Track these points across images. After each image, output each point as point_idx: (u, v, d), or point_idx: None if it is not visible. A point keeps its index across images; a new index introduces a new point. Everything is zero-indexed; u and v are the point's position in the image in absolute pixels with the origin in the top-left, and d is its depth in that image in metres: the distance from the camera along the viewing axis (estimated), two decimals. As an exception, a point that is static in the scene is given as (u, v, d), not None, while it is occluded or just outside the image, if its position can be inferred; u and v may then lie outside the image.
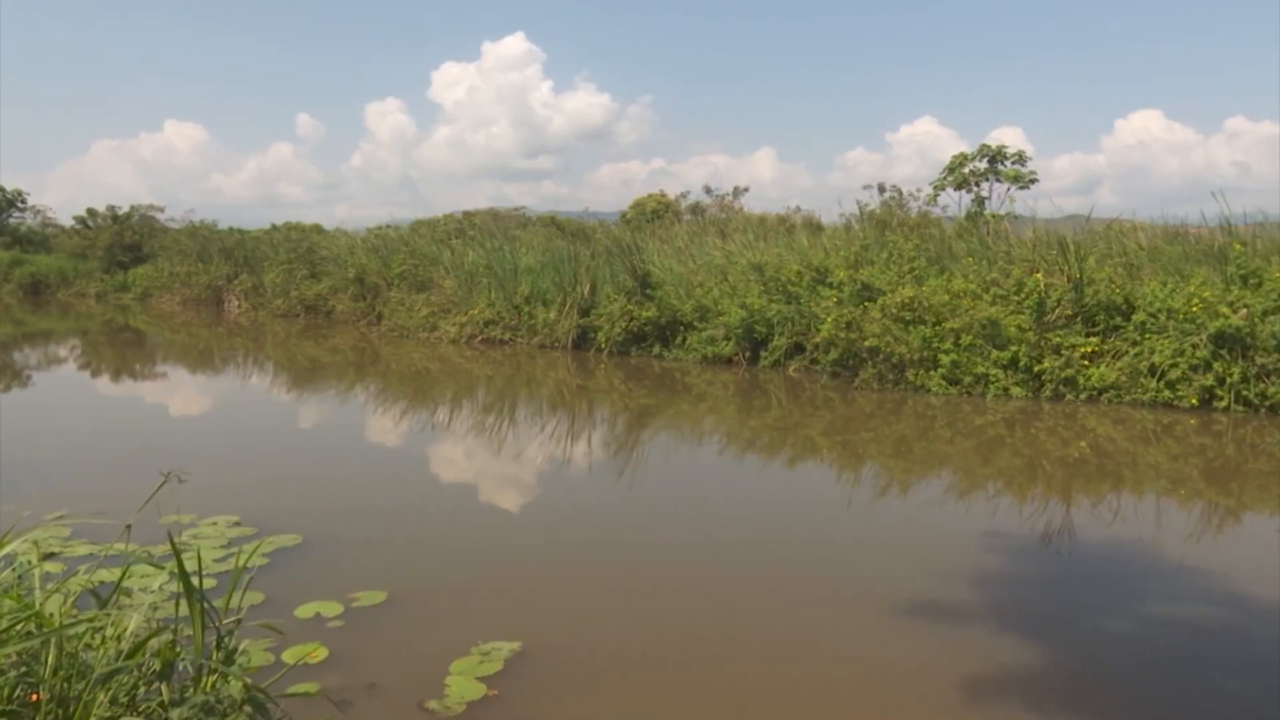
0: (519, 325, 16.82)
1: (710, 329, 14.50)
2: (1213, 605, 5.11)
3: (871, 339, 11.90)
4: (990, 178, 25.92)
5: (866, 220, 20.85)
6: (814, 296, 13.64)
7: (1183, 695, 4.02)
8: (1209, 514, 7.08)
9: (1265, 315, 10.39)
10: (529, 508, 7.34)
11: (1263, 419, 9.95)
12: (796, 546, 6.18)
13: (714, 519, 6.91)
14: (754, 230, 21.06)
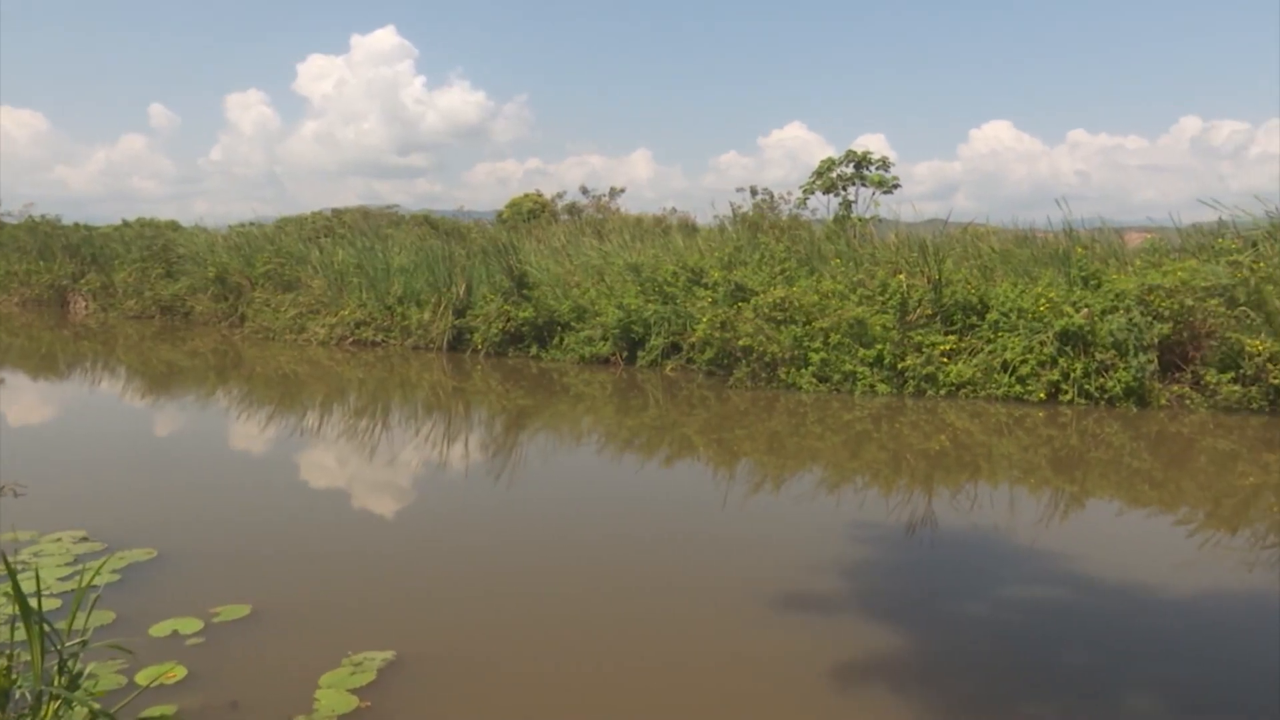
0: (392, 326, 16.41)
1: (587, 329, 14.51)
2: (1059, 585, 5.44)
3: (745, 338, 12.16)
4: (856, 182, 26.88)
5: (740, 222, 21.27)
6: (689, 297, 13.83)
7: (1032, 671, 4.26)
8: (1056, 500, 7.54)
9: (1104, 314, 11.14)
10: (404, 513, 7.17)
11: (1102, 411, 10.66)
12: (673, 543, 6.25)
13: (592, 519, 6.92)
14: (631, 231, 21.19)
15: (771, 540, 6.40)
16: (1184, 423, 10.14)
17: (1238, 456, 8.82)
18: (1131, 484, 8.01)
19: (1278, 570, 5.71)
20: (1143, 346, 10.72)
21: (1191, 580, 5.51)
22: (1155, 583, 5.50)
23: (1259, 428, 9.85)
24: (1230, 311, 11.07)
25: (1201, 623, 4.94)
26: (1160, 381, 10.90)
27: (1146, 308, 10.97)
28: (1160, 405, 10.73)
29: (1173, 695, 4.02)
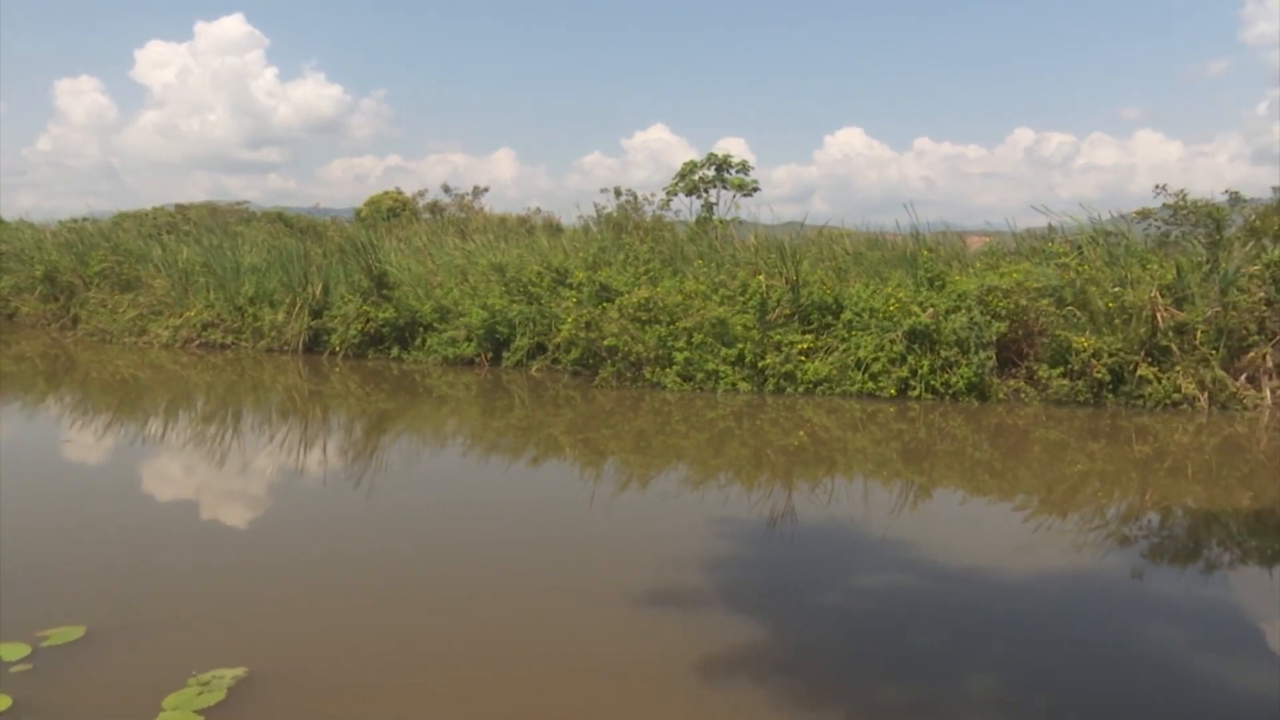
0: (243, 328, 15.67)
1: (451, 330, 14.26)
2: (910, 572, 5.71)
3: (610, 338, 12.22)
4: (718, 185, 27.43)
5: (604, 223, 21.39)
6: (554, 297, 13.80)
7: (884, 656, 4.45)
8: (906, 491, 7.92)
9: (947, 314, 11.76)
10: (257, 523, 6.85)
11: (947, 405, 11.26)
12: (540, 545, 6.22)
13: (456, 524, 6.80)
14: (495, 231, 20.97)
15: (638, 538, 6.46)
16: (1020, 415, 10.82)
17: (1067, 446, 9.48)
18: (974, 474, 8.49)
19: (1103, 550, 6.17)
20: (982, 344, 11.37)
21: (1028, 562, 5.89)
22: (996, 566, 5.85)
23: (1085, 419, 10.61)
24: (1059, 311, 11.88)
25: (1038, 602, 5.28)
26: (998, 377, 11.60)
27: (985, 307, 11.64)
28: (999, 399, 11.42)
29: (1013, 671, 4.28)
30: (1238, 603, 5.30)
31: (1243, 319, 11.46)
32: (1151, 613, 5.11)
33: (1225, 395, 11.10)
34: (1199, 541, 6.53)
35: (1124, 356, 11.22)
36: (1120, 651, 4.50)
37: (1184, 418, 10.64)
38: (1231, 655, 4.52)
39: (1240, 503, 7.47)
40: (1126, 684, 4.13)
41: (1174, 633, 4.81)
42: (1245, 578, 5.76)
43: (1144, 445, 9.49)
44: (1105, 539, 6.44)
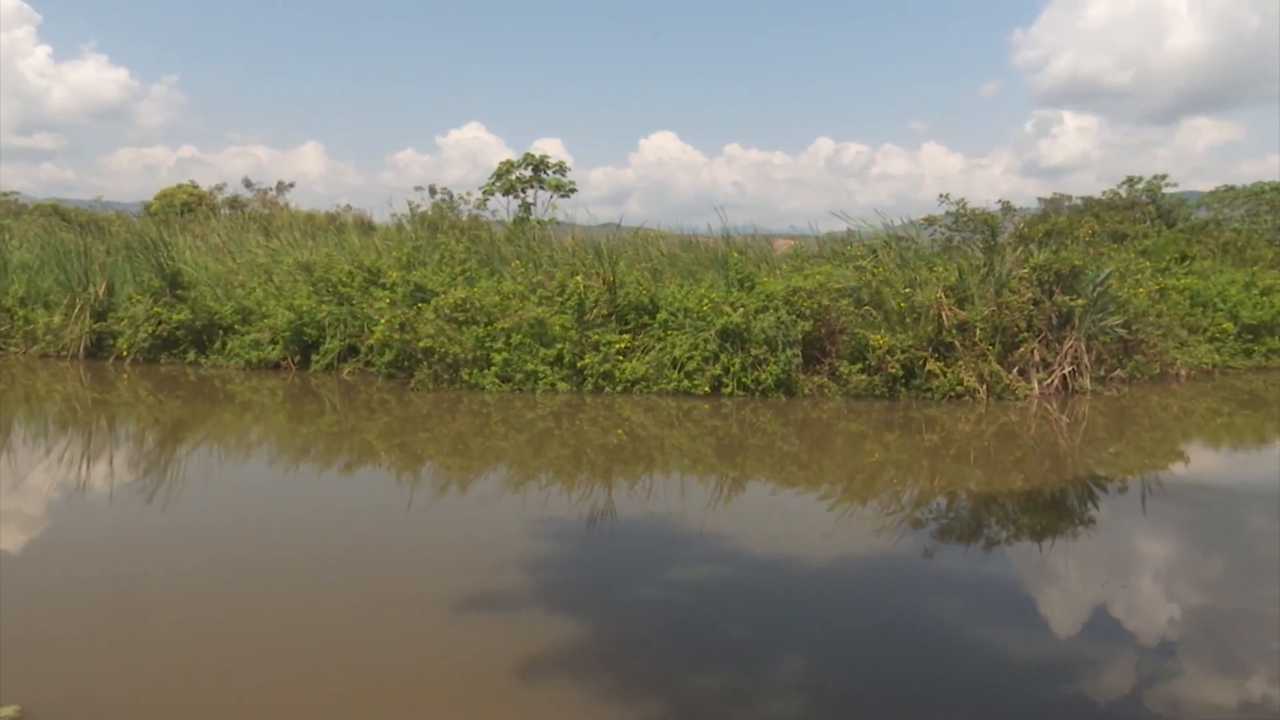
0: (12, 332, 14.24)
1: (254, 332, 13.53)
2: (724, 564, 5.92)
3: (426, 340, 11.96)
4: (535, 185, 27.37)
5: (418, 222, 20.89)
6: (366, 298, 13.36)
7: (699, 646, 4.60)
8: (720, 485, 8.20)
9: (757, 314, 12.26)
10: (33, 546, 6.24)
11: (757, 401, 11.74)
12: (354, 556, 6.01)
13: (263, 536, 6.46)
14: (301, 228, 20.05)
15: (457, 543, 6.36)
16: (824, 409, 11.44)
17: (866, 437, 10.11)
18: (783, 466, 8.90)
19: (898, 533, 6.62)
20: (789, 342, 11.94)
21: (833, 548, 6.24)
22: (804, 553, 6.16)
23: (882, 411, 11.35)
24: (857, 310, 12.65)
25: (841, 585, 5.61)
26: (804, 373, 12.21)
27: (792, 307, 12.23)
28: (805, 394, 12.02)
29: (819, 652, 4.53)
30: (1013, 575, 5.83)
31: (1014, 317, 12.60)
32: (941, 588, 5.54)
33: (1001, 387, 12.17)
34: (980, 521, 7.14)
35: (914, 353, 12.08)
36: (914, 626, 4.86)
37: (966, 408, 11.58)
38: (1009, 623, 4.97)
39: (1014, 484, 8.22)
40: (920, 656, 4.46)
41: (960, 605, 5.23)
42: (1019, 551, 6.34)
43: (933, 434, 10.25)
44: (900, 522, 6.92)
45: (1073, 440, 10.26)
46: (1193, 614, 5.14)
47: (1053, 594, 5.48)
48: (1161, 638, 4.75)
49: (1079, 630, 4.88)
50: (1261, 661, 4.42)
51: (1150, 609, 5.19)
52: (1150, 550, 6.44)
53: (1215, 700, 3.98)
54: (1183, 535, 6.86)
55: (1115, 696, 4.03)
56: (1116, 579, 5.75)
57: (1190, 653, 4.56)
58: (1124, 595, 5.44)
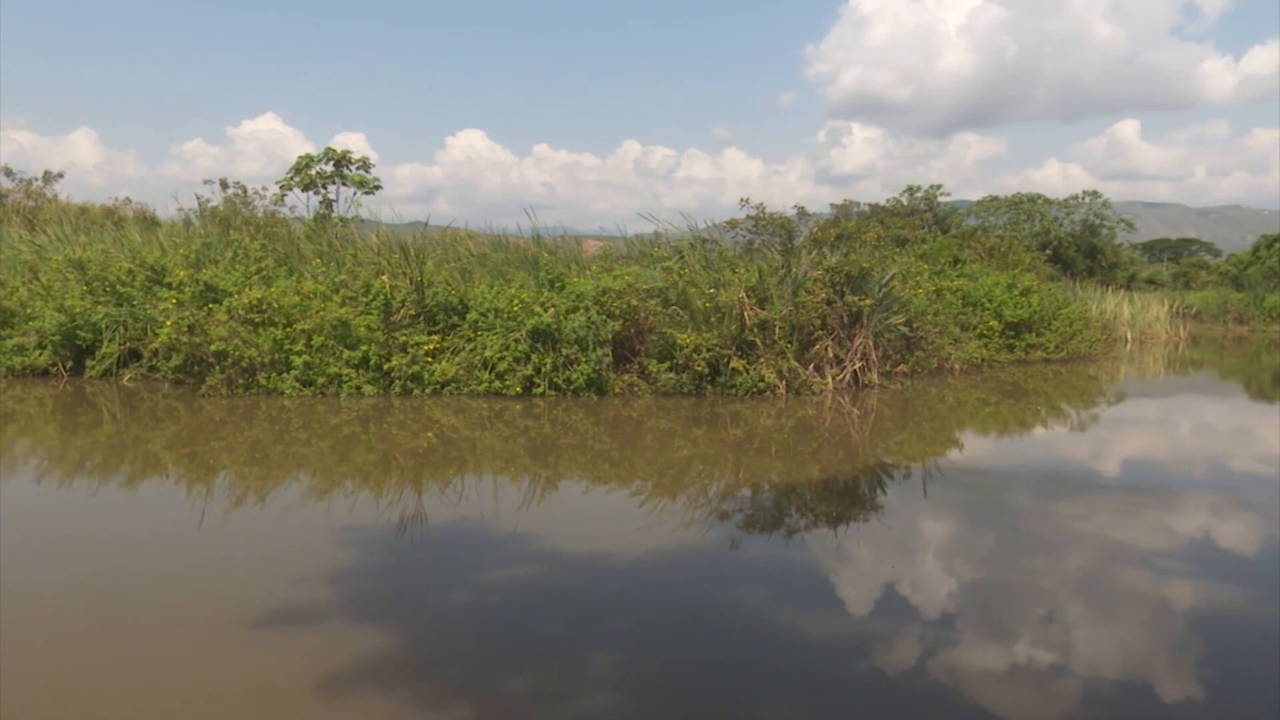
0: None
1: (18, 336, 12.27)
2: (538, 564, 5.92)
3: (218, 343, 11.25)
4: (337, 181, 26.31)
5: (208, 217, 19.61)
6: (150, 298, 12.42)
7: (511, 648, 4.58)
8: (534, 485, 8.19)
9: (567, 314, 12.34)
10: None
11: (569, 401, 11.81)
12: (142, 575, 5.56)
13: (37, 559, 5.85)
14: (73, 222, 18.40)
15: (256, 557, 6.02)
16: (634, 407, 11.66)
17: (674, 433, 10.39)
18: (595, 464, 9.00)
19: (706, 526, 6.84)
20: (599, 342, 12.09)
21: (644, 543, 6.37)
22: (616, 550, 6.26)
23: (689, 408, 11.70)
24: (665, 310, 12.98)
25: (653, 579, 5.73)
26: (614, 372, 12.41)
27: (602, 307, 12.39)
28: (615, 393, 12.20)
29: (631, 647, 4.61)
30: (812, 560, 6.17)
31: (810, 317, 13.33)
32: (747, 577, 5.78)
33: (799, 383, 12.84)
34: (782, 510, 7.50)
35: (719, 351, 12.54)
36: (722, 615, 5.04)
37: (768, 403, 12.14)
38: (809, 606, 5.25)
39: (812, 474, 8.69)
40: (728, 644, 4.64)
41: (764, 592, 5.48)
42: (818, 538, 6.71)
43: (737, 429, 10.68)
44: (708, 515, 7.16)
45: (863, 431, 10.96)
46: (968, 587, 5.62)
47: (848, 576, 5.84)
48: (942, 610, 5.16)
49: (871, 609, 5.22)
50: (1027, 627, 4.90)
51: (932, 585, 5.63)
52: (931, 531, 6.99)
53: (987, 665, 4.38)
54: (958, 515, 7.48)
55: (903, 668, 4.35)
56: (903, 559, 6.20)
57: (966, 623, 4.98)
58: (909, 573, 5.88)
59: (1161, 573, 5.89)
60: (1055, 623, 4.99)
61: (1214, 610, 5.28)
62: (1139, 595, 5.48)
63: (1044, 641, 4.67)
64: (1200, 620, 5.12)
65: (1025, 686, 4.16)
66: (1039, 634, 4.78)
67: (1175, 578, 5.81)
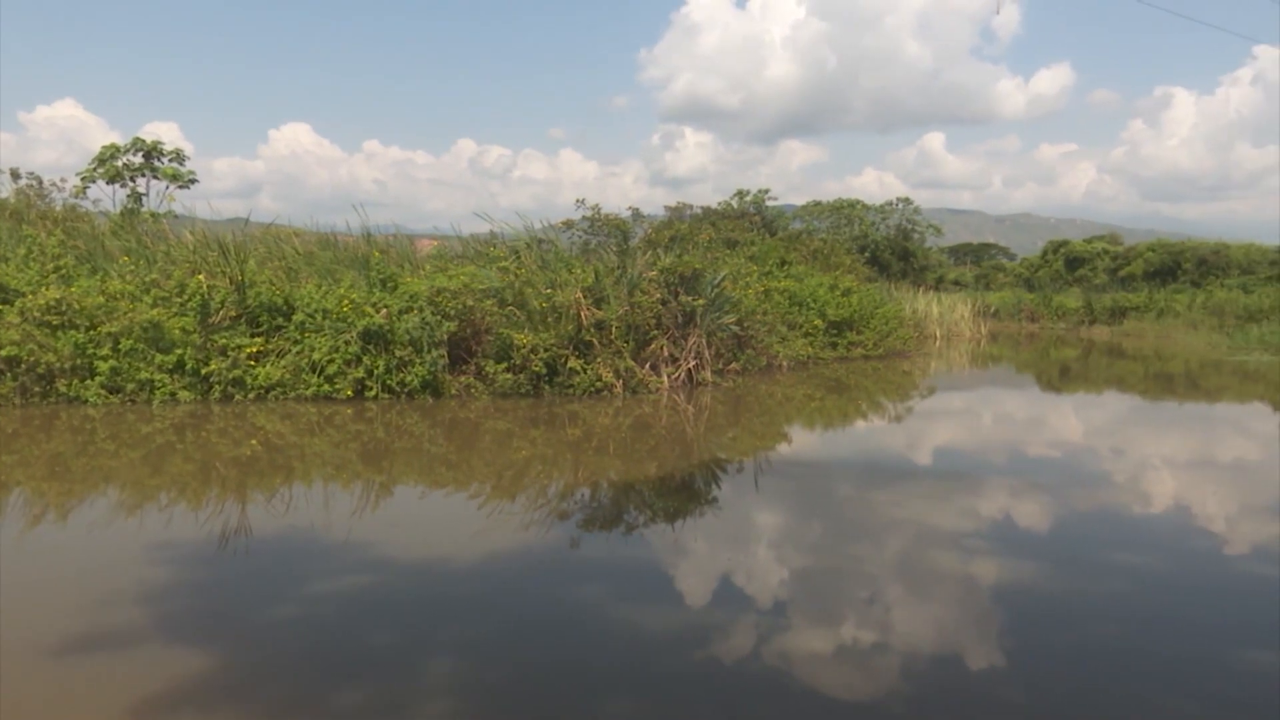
0: None
1: None
2: (372, 573, 5.75)
3: (9, 348, 10.30)
4: (147, 173, 24.58)
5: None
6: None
7: (344, 661, 4.43)
8: (367, 492, 7.94)
9: (401, 314, 12.03)
10: None
11: (403, 403, 11.53)
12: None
13: None
14: None
15: (58, 578, 5.54)
16: (471, 409, 11.51)
17: (513, 434, 10.33)
18: (431, 468, 8.83)
19: (546, 526, 6.84)
20: (434, 343, 11.86)
21: (483, 546, 6.30)
22: (455, 554, 6.16)
23: (527, 408, 11.66)
24: (502, 310, 12.88)
25: (493, 582, 5.68)
26: (451, 374, 12.21)
27: (436, 308, 12.15)
28: (452, 395, 12.01)
29: (472, 651, 4.55)
30: (651, 556, 6.28)
31: (645, 316, 13.56)
32: (586, 576, 5.82)
33: (635, 382, 13.04)
34: (620, 508, 7.60)
35: (557, 351, 12.56)
36: (563, 614, 5.06)
37: (605, 402, 12.26)
38: (648, 602, 5.35)
39: (649, 471, 8.85)
40: (569, 643, 4.66)
41: (604, 589, 5.54)
42: (656, 533, 6.84)
43: (575, 428, 10.73)
44: (548, 515, 7.16)
45: (698, 428, 11.26)
46: (798, 575, 5.88)
47: (686, 569, 5.99)
48: (774, 598, 5.38)
49: (708, 600, 5.38)
50: (852, 609, 5.17)
51: (764, 574, 5.86)
52: (763, 522, 7.26)
53: (817, 648, 4.60)
54: (788, 506, 7.81)
55: (739, 655, 4.50)
56: (737, 550, 6.41)
57: (797, 609, 5.22)
58: (744, 564, 6.09)
59: (968, 552, 6.36)
60: (877, 604, 5.30)
61: (1014, 585, 5.75)
62: (949, 574, 5.90)
63: (867, 622, 4.95)
64: (1002, 595, 5.56)
65: (851, 665, 4.40)
66: (863, 615, 5.07)
67: (980, 556, 6.29)
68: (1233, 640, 4.76)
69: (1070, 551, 6.46)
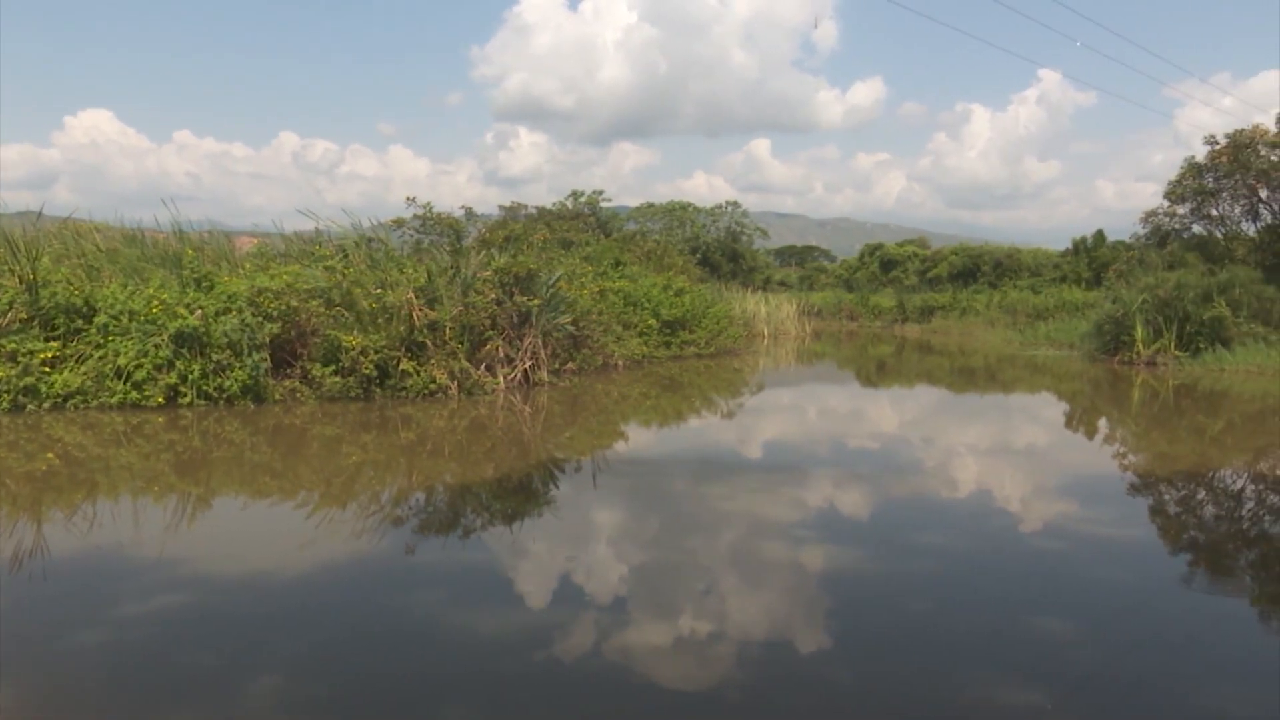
0: None
1: None
2: (189, 590, 5.40)
3: None
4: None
5: None
6: None
7: (155, 686, 4.16)
8: (183, 504, 7.46)
9: (218, 316, 11.37)
10: None
11: (222, 410, 10.90)
12: None
13: None
14: None
15: None
16: (297, 414, 11.01)
17: (342, 440, 9.96)
18: (254, 477, 8.39)
19: (380, 533, 6.64)
20: (256, 346, 11.28)
21: (312, 557, 6.05)
22: (280, 567, 5.88)
23: (358, 412, 11.28)
24: (329, 311, 12.40)
25: (322, 593, 5.46)
26: (274, 378, 11.64)
27: (257, 309, 11.57)
28: (275, 400, 11.46)
29: (297, 667, 4.36)
30: (490, 559, 6.21)
31: (480, 317, 13.40)
32: (423, 582, 5.70)
33: (471, 383, 12.86)
34: (458, 511, 7.47)
35: (388, 353, 12.22)
36: (399, 623, 4.93)
37: (440, 404, 12.03)
38: (487, 605, 5.29)
39: (486, 474, 8.75)
40: (404, 653, 4.54)
41: (442, 595, 5.44)
42: (494, 536, 6.77)
43: (409, 432, 10.47)
44: (381, 522, 6.95)
45: (535, 428, 11.23)
46: (636, 570, 5.98)
47: (525, 570, 5.96)
48: (613, 595, 5.44)
49: (548, 600, 5.38)
50: (688, 601, 5.30)
51: (603, 571, 5.91)
52: (602, 520, 7.33)
53: (655, 642, 4.69)
54: (625, 503, 7.92)
55: (579, 653, 4.53)
56: (576, 549, 6.44)
57: (635, 604, 5.30)
58: (583, 562, 6.12)
59: (795, 541, 6.65)
60: (712, 594, 5.46)
61: (837, 570, 6.07)
62: (778, 563, 6.15)
63: (703, 613, 5.09)
64: (827, 580, 5.85)
65: (688, 657, 4.51)
66: (699, 607, 5.21)
67: (806, 544, 6.59)
68: (1025, 611, 5.20)
69: (886, 535, 6.87)
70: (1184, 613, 5.27)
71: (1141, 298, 19.97)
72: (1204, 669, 4.45)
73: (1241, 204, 23.52)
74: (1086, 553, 6.52)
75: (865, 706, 4.03)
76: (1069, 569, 6.05)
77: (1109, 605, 5.34)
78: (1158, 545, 6.80)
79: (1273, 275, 21.42)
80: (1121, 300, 20.71)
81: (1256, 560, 6.46)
